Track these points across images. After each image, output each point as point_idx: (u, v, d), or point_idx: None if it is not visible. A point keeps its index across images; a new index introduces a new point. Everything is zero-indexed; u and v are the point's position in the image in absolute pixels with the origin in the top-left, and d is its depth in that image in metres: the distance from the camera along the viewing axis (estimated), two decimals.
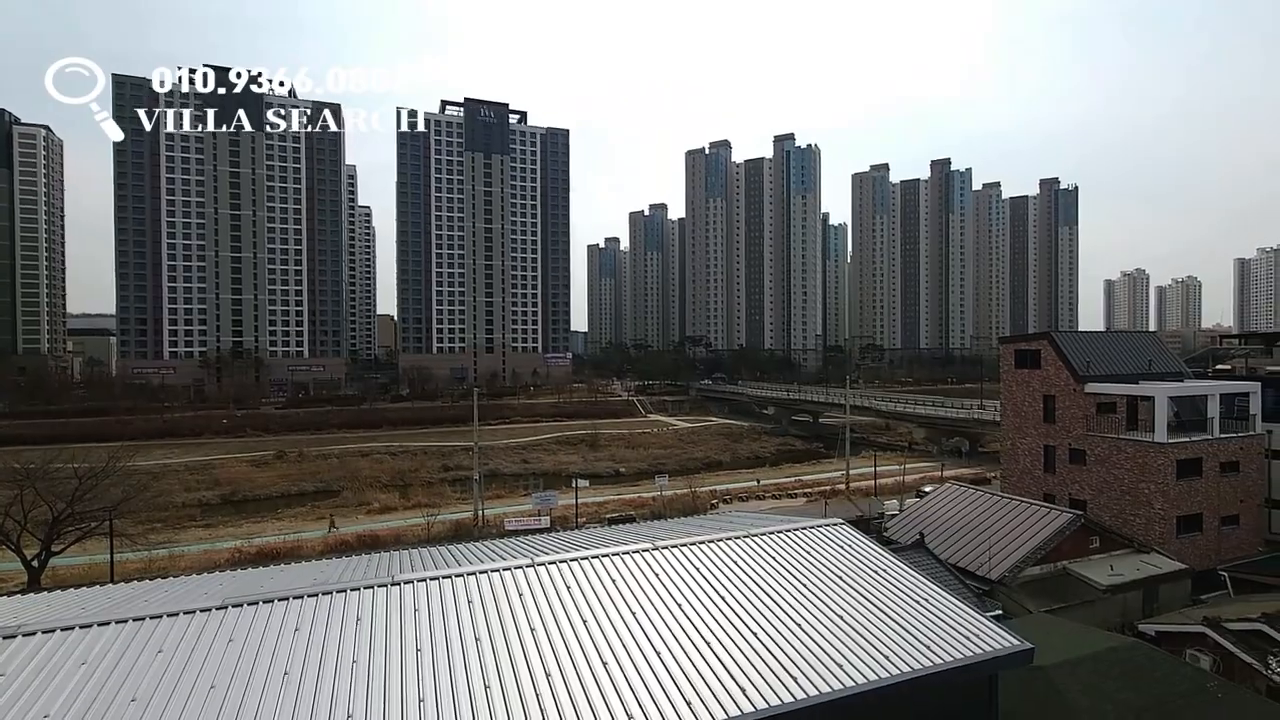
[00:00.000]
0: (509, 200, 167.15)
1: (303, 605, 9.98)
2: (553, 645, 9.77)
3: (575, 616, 10.51)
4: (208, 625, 9.40)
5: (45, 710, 7.65)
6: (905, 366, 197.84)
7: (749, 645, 10.28)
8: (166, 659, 8.62)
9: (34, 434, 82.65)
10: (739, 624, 10.85)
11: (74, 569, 37.03)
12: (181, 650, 8.79)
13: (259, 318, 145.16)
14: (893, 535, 29.08)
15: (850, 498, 51.77)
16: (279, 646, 9.06)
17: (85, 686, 8.07)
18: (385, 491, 65.98)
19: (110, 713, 7.70)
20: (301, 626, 9.49)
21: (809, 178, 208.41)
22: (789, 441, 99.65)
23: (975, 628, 11.50)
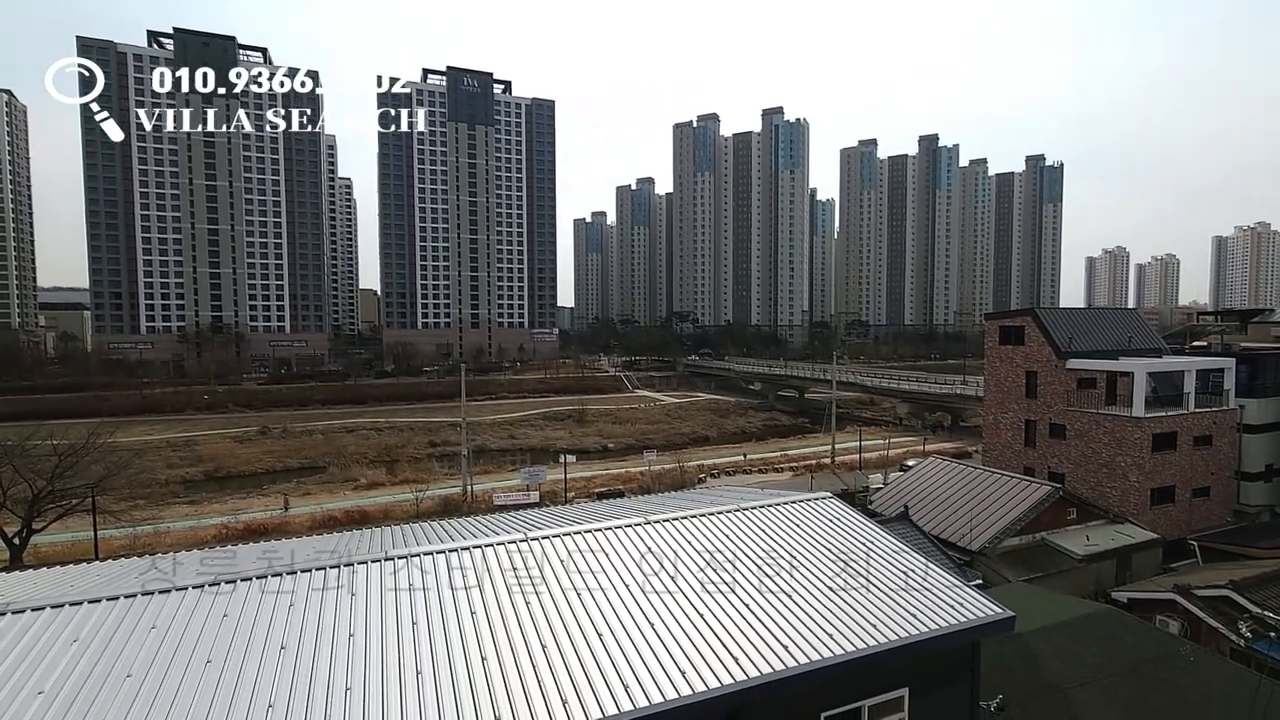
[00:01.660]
0: (494, 173, 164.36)
1: (296, 580, 9.97)
2: (548, 618, 9.87)
3: (570, 590, 10.61)
4: (200, 601, 9.36)
5: (39, 687, 7.60)
6: (890, 342, 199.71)
7: (741, 616, 10.46)
8: (160, 635, 8.59)
9: (7, 410, 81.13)
10: (732, 596, 11.02)
11: (57, 546, 36.70)
12: (175, 626, 8.76)
13: (238, 291, 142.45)
14: (877, 508, 29.61)
15: (835, 472, 52.56)
16: (274, 621, 9.07)
17: (78, 664, 8.02)
18: (372, 468, 65.83)
19: (105, 689, 7.68)
20: (296, 602, 9.49)
21: (797, 152, 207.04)
22: (775, 417, 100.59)
23: (959, 597, 11.79)
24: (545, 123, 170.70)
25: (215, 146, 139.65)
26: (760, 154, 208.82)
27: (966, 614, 11.30)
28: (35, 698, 7.49)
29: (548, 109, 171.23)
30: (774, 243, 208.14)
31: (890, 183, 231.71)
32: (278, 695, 7.85)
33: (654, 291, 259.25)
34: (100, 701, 7.50)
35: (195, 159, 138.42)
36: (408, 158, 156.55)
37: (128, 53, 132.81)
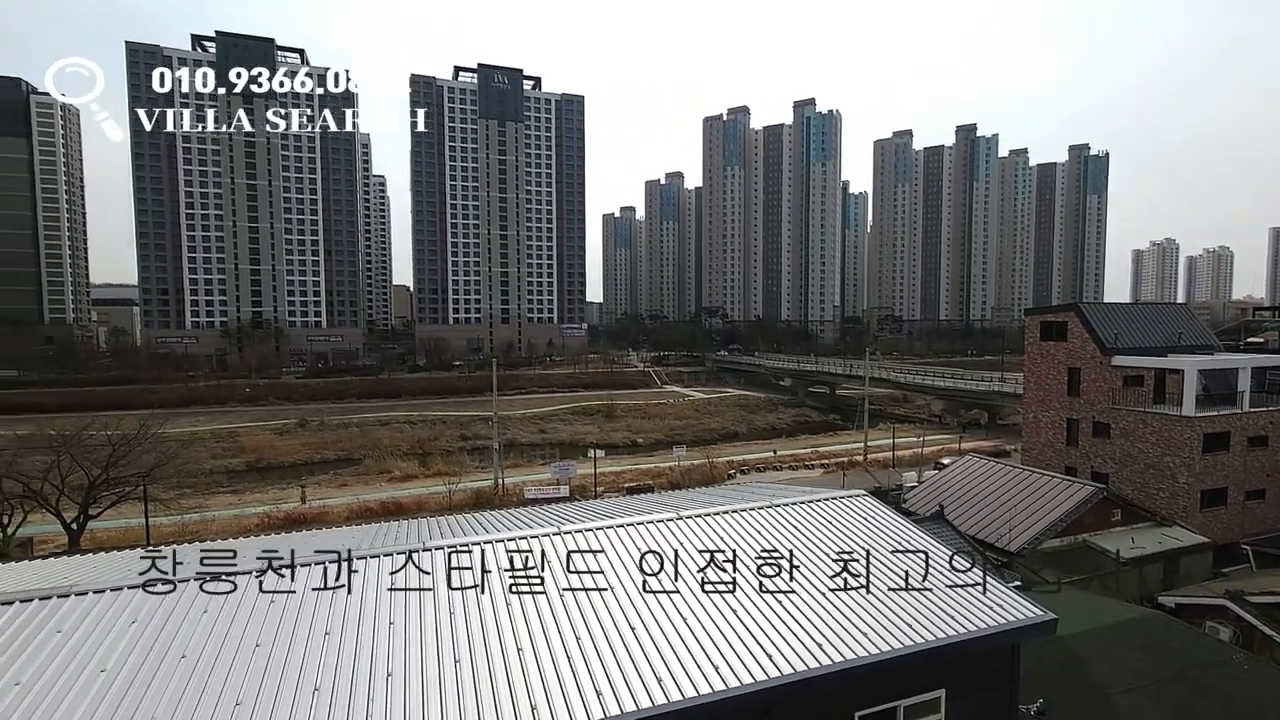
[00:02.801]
0: (524, 169, 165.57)
1: (339, 569, 10.26)
2: (581, 612, 9.98)
3: (602, 583, 10.70)
4: (249, 587, 9.71)
5: (101, 665, 8.00)
6: (924, 338, 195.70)
7: (774, 613, 10.43)
8: (212, 619, 8.95)
9: (63, 402, 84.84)
10: (764, 592, 10.98)
11: (111, 532, 38.34)
12: (226, 610, 9.11)
13: (277, 288, 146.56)
14: (911, 507, 29.11)
15: (868, 469, 51.82)
16: (318, 608, 9.36)
17: (137, 644, 8.41)
18: (406, 460, 67.19)
19: (162, 669, 8.03)
20: (339, 589, 9.78)
21: (829, 145, 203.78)
22: (805, 413, 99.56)
23: (997, 598, 11.55)
24: (574, 118, 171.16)
25: (255, 146, 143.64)
26: (791, 147, 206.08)
27: (1005, 616, 11.07)
28: (99, 675, 7.88)
29: (577, 104, 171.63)
30: (805, 237, 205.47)
31: (926, 174, 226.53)
32: (322, 679, 8.12)
33: (683, 287, 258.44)
34: (158, 680, 7.85)
35: (237, 159, 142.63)
36: (439, 155, 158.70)
37: (172, 56, 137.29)
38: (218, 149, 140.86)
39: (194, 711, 7.44)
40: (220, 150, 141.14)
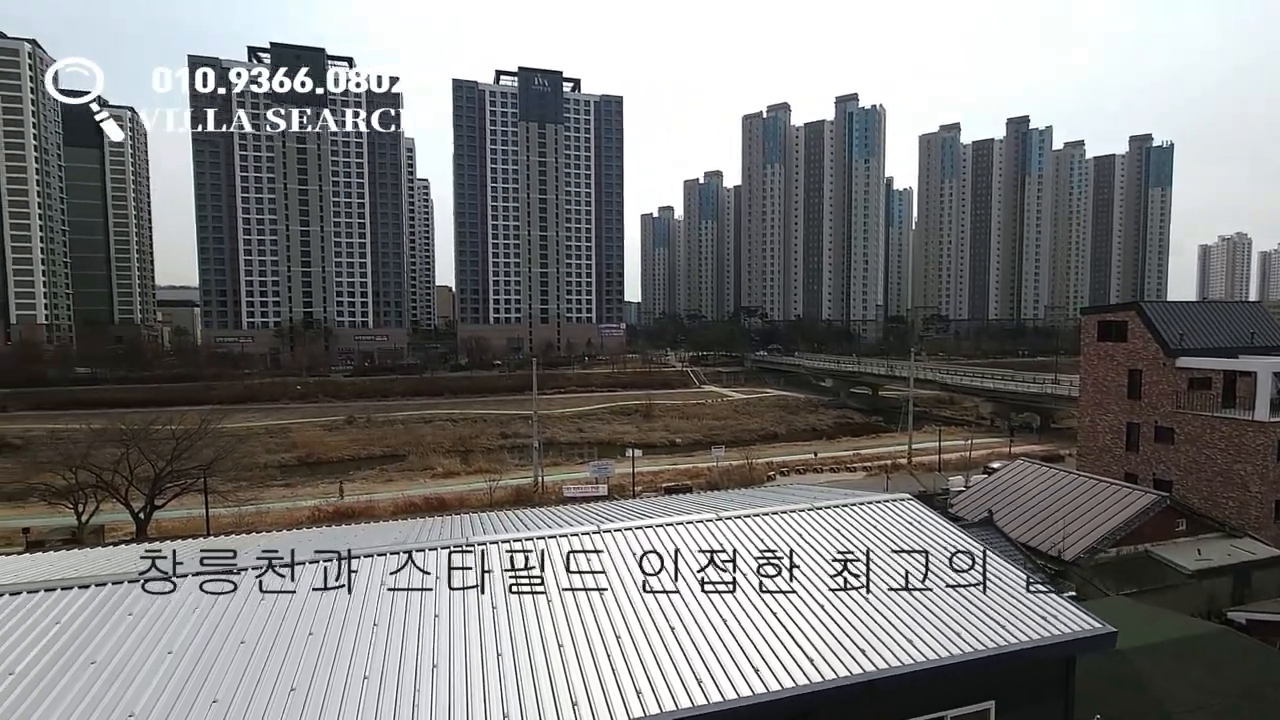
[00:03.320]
0: (563, 170, 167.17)
1: (387, 561, 10.57)
2: (621, 609, 10.03)
3: (643, 583, 10.73)
4: (302, 577, 10.09)
5: (168, 648, 8.46)
6: (972, 338, 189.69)
7: (816, 617, 10.28)
8: (269, 608, 9.34)
9: (132, 398, 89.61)
10: (805, 596, 10.84)
11: (175, 522, 40.32)
12: (281, 600, 9.50)
13: (327, 289, 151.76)
14: (959, 512, 28.27)
15: (913, 473, 50.57)
16: (367, 599, 9.67)
17: (200, 629, 8.86)
18: (448, 457, 68.67)
19: (223, 653, 8.45)
20: (387, 581, 10.08)
21: (872, 140, 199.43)
22: (847, 414, 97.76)
23: (1051, 609, 11.13)
24: (613, 119, 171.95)
25: (307, 153, 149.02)
26: (833, 143, 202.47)
27: (1060, 627, 10.66)
28: (166, 656, 8.33)
29: (616, 105, 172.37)
30: (847, 235, 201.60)
31: (974, 169, 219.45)
32: (371, 666, 8.40)
33: (721, 286, 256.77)
34: (219, 664, 8.25)
35: (290, 165, 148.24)
36: (481, 158, 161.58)
37: (230, 67, 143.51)
38: (272, 156, 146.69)
39: (253, 693, 7.79)
40: (274, 157, 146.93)
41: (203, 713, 7.48)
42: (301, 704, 7.70)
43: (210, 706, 7.55)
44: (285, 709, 7.61)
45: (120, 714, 7.37)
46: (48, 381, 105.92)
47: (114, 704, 7.53)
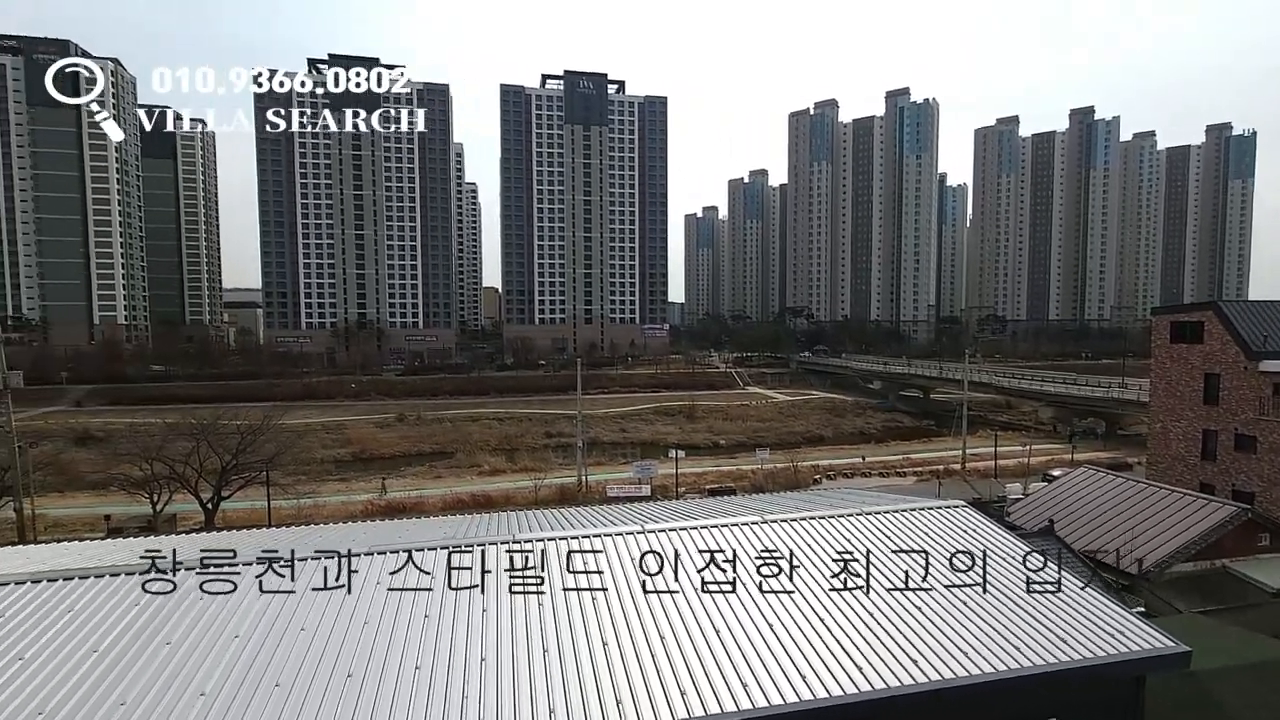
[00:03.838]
0: (607, 171, 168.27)
1: (437, 556, 10.85)
2: (665, 610, 10.03)
3: (686, 584, 10.70)
4: (358, 568, 10.46)
5: (235, 632, 8.92)
6: (1031, 340, 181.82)
7: (864, 624, 10.04)
8: (327, 596, 9.72)
9: (201, 394, 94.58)
10: (853, 602, 10.61)
11: (239, 512, 42.31)
12: (338, 592, 9.86)
13: (380, 291, 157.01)
14: (1016, 520, 27.16)
15: (966, 479, 48.82)
16: (418, 592, 9.94)
17: (264, 616, 9.29)
18: (494, 455, 69.88)
19: (285, 639, 8.84)
20: (438, 575, 10.35)
21: (924, 135, 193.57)
22: (896, 418, 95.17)
23: (1120, 624, 10.57)
24: (658, 120, 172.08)
25: (361, 159, 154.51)
26: (883, 139, 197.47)
27: (1128, 644, 10.11)
28: (233, 640, 8.78)
29: (660, 106, 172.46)
30: (897, 233, 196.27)
31: (1034, 163, 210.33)
32: (423, 658, 8.64)
33: (766, 286, 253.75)
34: (281, 648, 8.63)
35: (345, 173, 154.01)
36: (527, 161, 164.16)
37: (291, 78, 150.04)
38: (329, 164, 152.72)
39: (312, 678, 8.11)
40: (331, 165, 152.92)
41: (266, 694, 7.83)
42: (357, 690, 7.98)
43: (273, 690, 7.91)
44: (342, 694, 7.90)
45: (192, 692, 7.79)
46: (126, 378, 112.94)
47: (187, 682, 7.97)
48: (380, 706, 7.80)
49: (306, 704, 7.74)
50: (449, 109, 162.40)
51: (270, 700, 7.76)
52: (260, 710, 7.61)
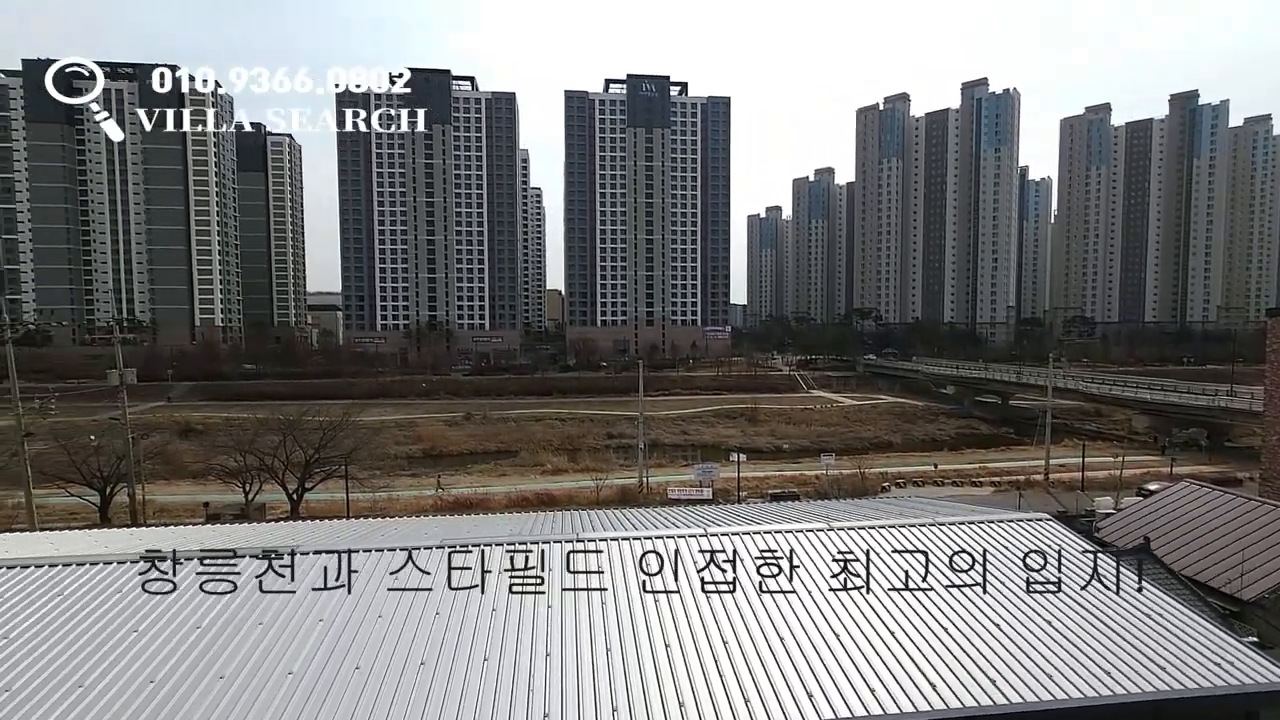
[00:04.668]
0: (669, 173, 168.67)
1: (503, 553, 11.15)
2: (728, 615, 9.93)
3: (750, 589, 10.56)
4: (429, 560, 10.89)
5: (320, 616, 9.45)
6: (1124, 343, 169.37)
7: (937, 639, 9.61)
8: (400, 590, 10.16)
9: (287, 391, 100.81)
10: (925, 616, 10.17)
11: (320, 503, 44.85)
12: (412, 579, 10.31)
13: (449, 293, 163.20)
14: (1107, 537, 25.29)
15: (1050, 491, 46.01)
16: (486, 587, 10.25)
17: (345, 601, 9.81)
18: (556, 454, 71.11)
19: (364, 625, 9.32)
20: (501, 571, 10.63)
21: (1004, 128, 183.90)
22: (972, 424, 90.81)
23: (1230, 654, 9.68)
24: (720, 120, 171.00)
25: (433, 168, 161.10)
26: (959, 133, 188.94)
27: (1239, 676, 9.24)
28: (317, 624, 9.32)
29: (723, 106, 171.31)
30: (973, 230, 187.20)
31: (1128, 154, 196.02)
32: (491, 649, 8.91)
33: (832, 287, 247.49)
34: (360, 635, 9.11)
35: (419, 180, 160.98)
36: (590, 165, 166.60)
37: (370, 94, 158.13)
38: (404, 173, 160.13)
39: (389, 663, 8.53)
40: (405, 174, 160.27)
41: (348, 675, 8.29)
42: (430, 676, 8.33)
43: (354, 672, 8.37)
44: (416, 679, 8.29)
45: (281, 671, 8.35)
46: (223, 376, 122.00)
47: (277, 660, 8.54)
48: (451, 692, 8.12)
49: (384, 686, 8.15)
50: (515, 116, 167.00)
51: (351, 681, 8.20)
52: (343, 689, 8.07)
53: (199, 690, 8.01)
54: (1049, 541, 12.66)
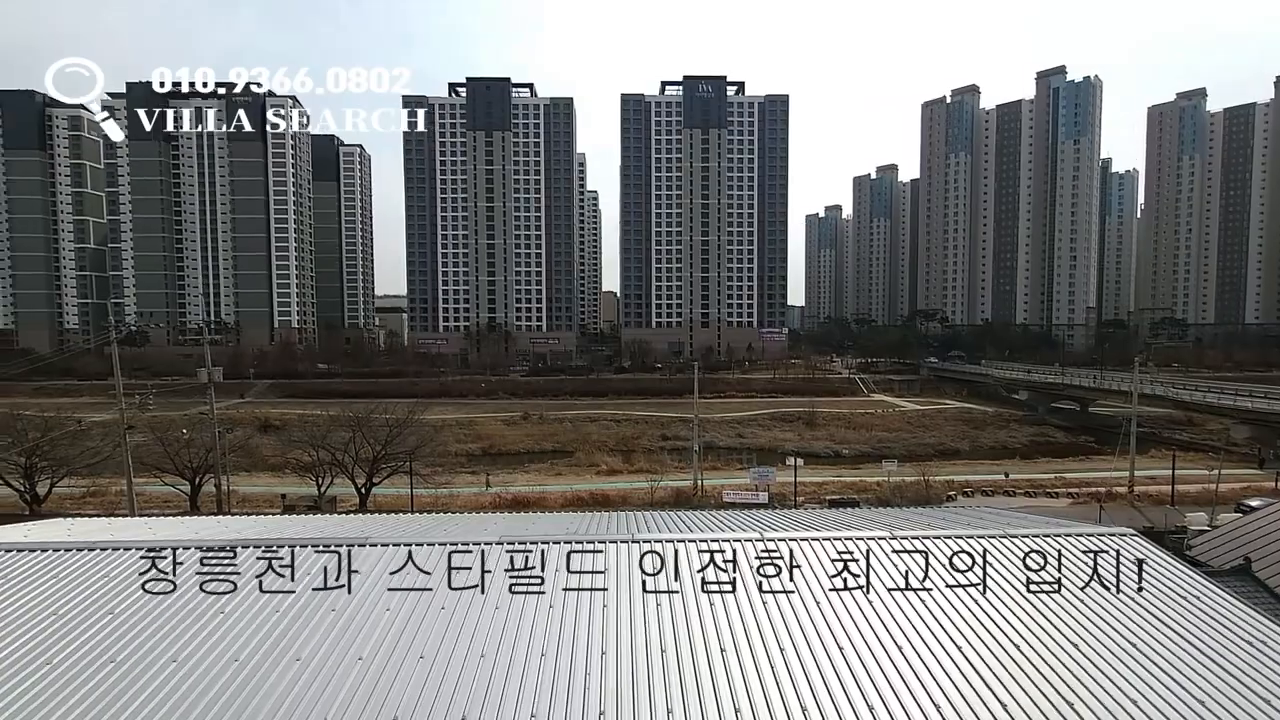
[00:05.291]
0: (725, 173, 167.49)
1: (560, 551, 11.31)
2: (785, 622, 9.74)
3: (808, 596, 10.33)
4: (489, 556, 11.16)
5: (386, 606, 9.90)
6: (1221, 346, 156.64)
7: (1008, 656, 9.14)
8: (463, 580, 10.47)
9: (355, 390, 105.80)
10: (995, 632, 9.68)
11: (386, 498, 46.81)
12: (473, 574, 10.60)
13: (508, 296, 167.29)
14: (1201, 556, 23.44)
15: (1135, 504, 43.09)
16: (543, 583, 10.43)
17: (410, 593, 10.18)
18: (611, 455, 71.69)
19: (428, 616, 9.66)
20: (561, 568, 10.79)
21: (1084, 117, 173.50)
22: (1046, 432, 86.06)
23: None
24: (778, 119, 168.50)
25: (493, 174, 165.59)
26: (1034, 124, 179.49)
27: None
28: (384, 613, 9.73)
29: (780, 105, 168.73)
30: (1049, 227, 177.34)
31: (1227, 140, 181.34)
32: (548, 646, 9.05)
33: (894, 288, 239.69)
34: (424, 626, 9.45)
35: (479, 186, 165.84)
36: (646, 167, 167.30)
37: (434, 104, 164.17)
38: (465, 179, 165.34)
39: (450, 655, 8.81)
40: (467, 180, 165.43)
41: (413, 663, 8.63)
42: (490, 669, 8.56)
43: (418, 661, 8.70)
44: (477, 670, 8.55)
45: (352, 656, 8.79)
46: (298, 375, 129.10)
47: (349, 645, 9.00)
48: (510, 683, 8.34)
49: (447, 674, 8.45)
50: (573, 121, 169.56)
51: (416, 669, 8.53)
52: (409, 676, 8.41)
53: (278, 670, 8.49)
54: (1135, 560, 11.82)
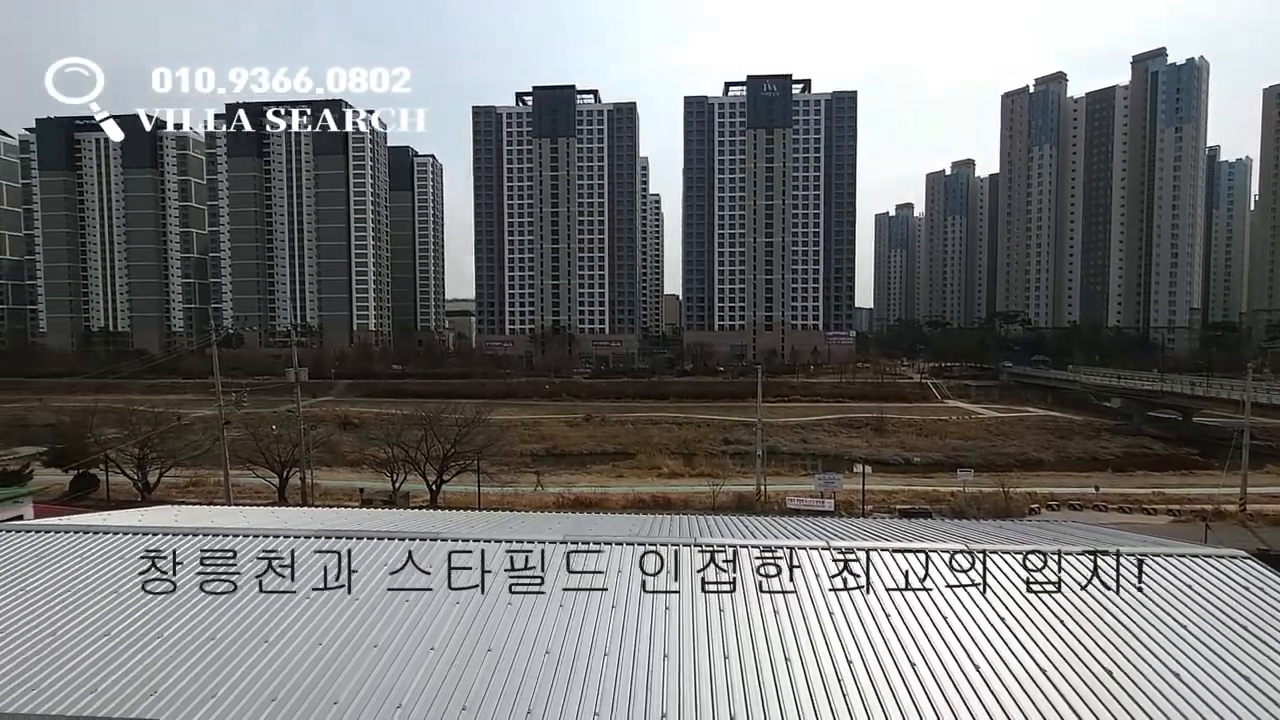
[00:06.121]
0: (790, 174, 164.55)
1: (623, 552, 11.44)
2: (852, 632, 9.48)
3: (877, 608, 10.01)
4: (552, 554, 11.42)
5: (455, 600, 10.26)
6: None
7: (1098, 681, 8.55)
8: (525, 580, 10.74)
9: (428, 390, 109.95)
10: (1083, 654, 9.09)
11: (455, 495, 48.50)
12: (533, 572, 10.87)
13: (571, 299, 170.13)
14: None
15: (1247, 524, 39.34)
16: (606, 583, 10.57)
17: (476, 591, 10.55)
18: (672, 458, 71.58)
19: (494, 614, 9.96)
20: (623, 570, 10.90)
21: (1187, 103, 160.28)
22: (1143, 443, 79.81)
23: None
24: (845, 116, 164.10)
25: (558, 179, 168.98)
26: (1129, 112, 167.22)
27: None
28: (454, 607, 10.12)
29: (848, 101, 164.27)
30: (1146, 222, 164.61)
31: None
32: (611, 646, 9.16)
33: (970, 289, 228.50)
34: (492, 620, 9.75)
35: (544, 192, 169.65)
36: (709, 169, 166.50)
37: (502, 113, 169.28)
38: (530, 185, 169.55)
39: (516, 650, 9.07)
40: (532, 186, 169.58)
41: (482, 654, 8.95)
42: (555, 664, 8.77)
43: (486, 653, 9.01)
44: (542, 666, 8.76)
45: (425, 645, 9.19)
46: (375, 375, 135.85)
47: (424, 632, 9.43)
48: (575, 679, 8.50)
49: (514, 667, 8.72)
50: (635, 126, 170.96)
51: (485, 661, 8.85)
52: (478, 666, 8.74)
53: (357, 655, 8.98)
54: (1244, 582, 10.84)
